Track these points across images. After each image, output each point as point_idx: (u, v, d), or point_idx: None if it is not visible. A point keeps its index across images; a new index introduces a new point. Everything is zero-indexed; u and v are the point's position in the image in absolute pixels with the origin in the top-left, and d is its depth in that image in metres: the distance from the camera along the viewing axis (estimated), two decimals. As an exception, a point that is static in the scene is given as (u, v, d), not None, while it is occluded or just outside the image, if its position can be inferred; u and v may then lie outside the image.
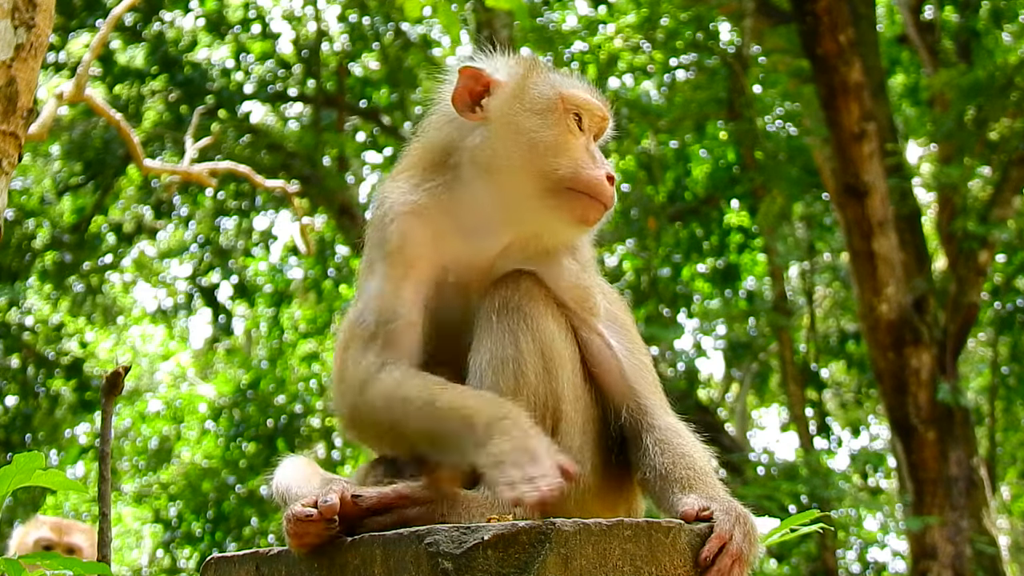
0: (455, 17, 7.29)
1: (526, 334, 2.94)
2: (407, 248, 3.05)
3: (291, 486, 3.03)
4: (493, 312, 2.96)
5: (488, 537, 2.55)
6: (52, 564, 2.92)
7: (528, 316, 2.96)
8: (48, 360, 17.04)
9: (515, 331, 2.94)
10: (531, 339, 2.94)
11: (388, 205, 3.12)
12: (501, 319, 2.95)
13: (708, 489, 2.87)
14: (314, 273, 18.72)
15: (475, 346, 2.99)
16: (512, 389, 2.91)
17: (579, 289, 3.10)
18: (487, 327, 2.96)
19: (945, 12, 15.59)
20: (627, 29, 16.67)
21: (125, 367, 3.27)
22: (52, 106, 5.81)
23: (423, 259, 3.06)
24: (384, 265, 3.05)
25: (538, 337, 2.95)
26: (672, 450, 2.97)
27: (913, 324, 12.32)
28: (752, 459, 17.04)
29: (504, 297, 2.98)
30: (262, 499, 17.45)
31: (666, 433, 3.01)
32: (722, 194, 17.72)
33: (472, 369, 2.98)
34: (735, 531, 2.73)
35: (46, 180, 17.15)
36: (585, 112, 3.08)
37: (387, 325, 2.99)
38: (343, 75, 17.75)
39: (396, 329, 2.98)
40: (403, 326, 2.99)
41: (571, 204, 3.00)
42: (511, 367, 2.92)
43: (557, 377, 2.97)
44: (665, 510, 2.91)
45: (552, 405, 2.96)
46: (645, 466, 2.98)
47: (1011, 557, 18.99)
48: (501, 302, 2.97)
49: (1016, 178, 13.15)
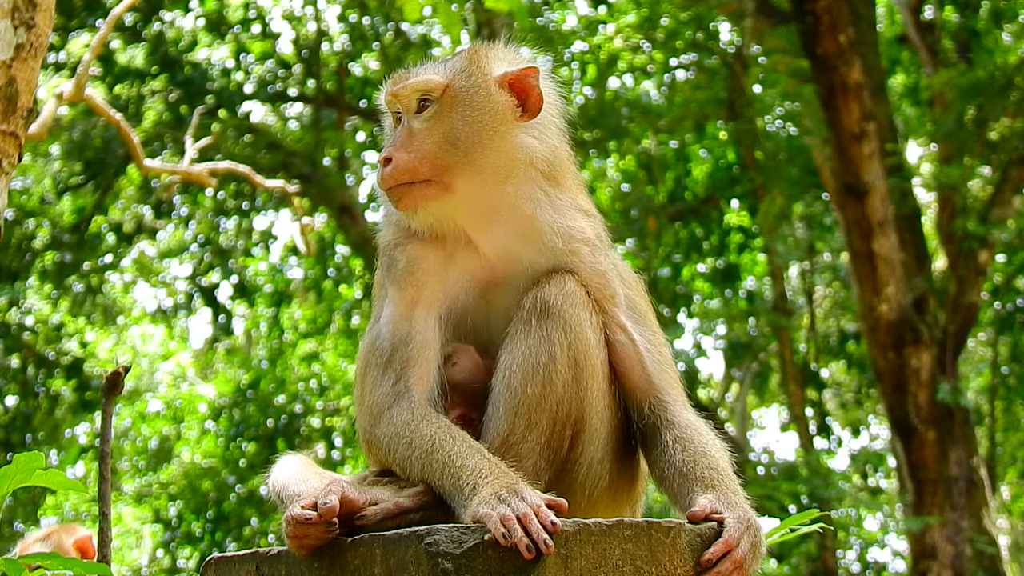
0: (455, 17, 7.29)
1: (563, 342, 2.93)
2: (416, 271, 3.08)
3: (288, 485, 3.03)
4: (533, 315, 2.95)
5: (488, 537, 2.55)
6: (52, 564, 2.92)
7: (568, 323, 2.94)
8: (48, 360, 17.04)
9: (551, 338, 2.93)
10: (566, 347, 2.93)
11: (391, 227, 3.18)
12: (541, 322, 2.94)
13: (727, 493, 2.87)
14: (314, 273, 18.72)
15: (508, 346, 2.98)
16: (538, 397, 2.92)
17: (597, 276, 3.08)
18: (524, 330, 2.95)
19: (945, 12, 15.58)
20: (627, 29, 16.67)
21: (125, 367, 3.27)
22: (52, 106, 5.81)
23: (432, 276, 3.08)
24: (394, 289, 3.09)
25: (574, 346, 2.94)
26: (693, 448, 2.98)
27: (913, 324, 12.31)
28: (752, 459, 17.04)
29: (546, 300, 2.96)
30: (262, 499, 17.44)
31: (686, 431, 3.02)
32: (722, 194, 17.71)
33: (501, 368, 2.97)
34: (743, 539, 2.73)
35: (46, 180, 17.14)
36: (391, 105, 3.16)
37: (402, 350, 3.01)
38: (343, 75, 17.75)
39: (411, 353, 3.00)
40: (417, 349, 3.01)
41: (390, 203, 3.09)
42: (541, 375, 2.91)
43: (586, 388, 2.96)
44: (681, 508, 2.91)
45: (575, 416, 2.95)
46: (664, 463, 2.98)
47: (1011, 557, 18.99)
48: (543, 306, 2.96)
49: (1016, 178, 13.14)
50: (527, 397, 2.91)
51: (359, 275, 18.47)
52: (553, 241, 3.07)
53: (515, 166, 3.08)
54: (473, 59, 3.13)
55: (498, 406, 2.96)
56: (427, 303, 3.06)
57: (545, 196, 3.12)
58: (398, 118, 3.15)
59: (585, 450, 2.98)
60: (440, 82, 3.08)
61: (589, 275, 3.06)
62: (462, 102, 3.06)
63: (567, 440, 2.95)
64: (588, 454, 2.98)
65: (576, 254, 3.07)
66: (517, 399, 2.92)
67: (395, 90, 3.12)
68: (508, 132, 3.08)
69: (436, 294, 3.07)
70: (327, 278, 18.59)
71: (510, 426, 2.93)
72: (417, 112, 3.09)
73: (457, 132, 3.04)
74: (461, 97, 3.07)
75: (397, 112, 3.15)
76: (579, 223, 3.13)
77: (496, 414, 2.96)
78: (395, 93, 3.12)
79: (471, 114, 3.05)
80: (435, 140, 3.04)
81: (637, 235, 16.69)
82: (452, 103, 3.06)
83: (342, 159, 17.86)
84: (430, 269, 3.08)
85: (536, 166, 3.11)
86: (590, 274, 3.06)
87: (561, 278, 3.00)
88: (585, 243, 3.10)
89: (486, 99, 3.07)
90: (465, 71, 3.10)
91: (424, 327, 3.04)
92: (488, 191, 3.06)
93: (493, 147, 3.05)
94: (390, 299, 3.09)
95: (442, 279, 3.08)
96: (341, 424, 19.11)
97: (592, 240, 3.12)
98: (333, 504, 2.69)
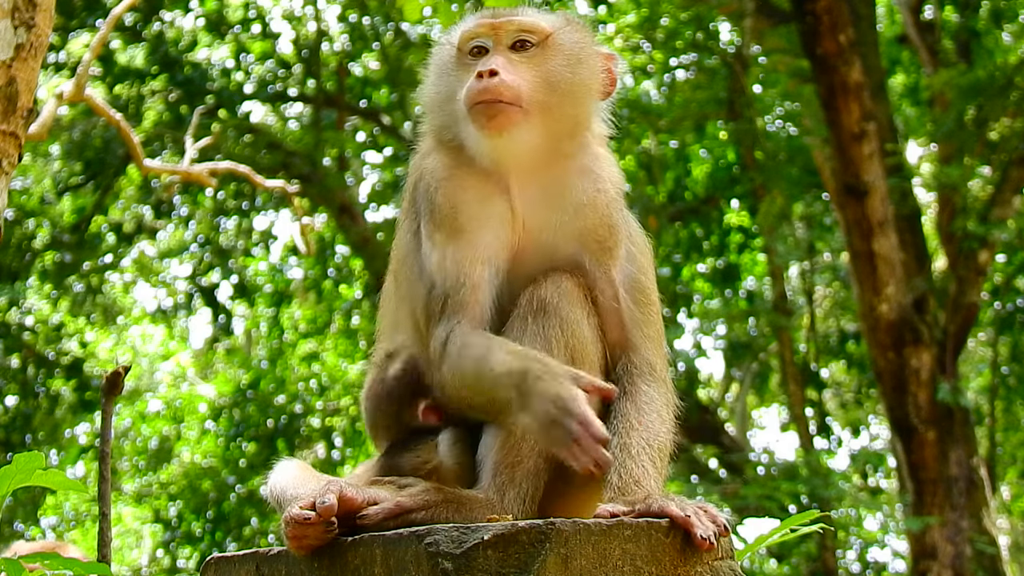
0: (455, 17, 7.30)
1: (560, 340, 2.95)
2: (459, 214, 3.10)
3: (287, 488, 3.03)
4: (530, 313, 2.98)
5: (488, 537, 2.55)
6: (52, 564, 2.92)
7: (564, 321, 2.97)
8: (48, 360, 17.03)
9: (548, 336, 2.95)
10: (563, 345, 2.95)
11: (428, 173, 3.19)
12: (537, 320, 2.97)
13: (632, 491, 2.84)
14: (314, 273, 18.71)
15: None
16: None
17: (604, 227, 3.13)
18: (521, 327, 2.98)
19: (945, 12, 15.57)
20: (627, 29, 16.66)
21: (125, 367, 3.28)
22: (52, 106, 5.81)
23: (473, 222, 3.10)
24: (440, 234, 3.10)
25: (571, 344, 2.96)
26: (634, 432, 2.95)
27: (913, 324, 12.31)
28: (752, 459, 17.04)
29: (542, 298, 2.99)
30: (262, 499, 17.36)
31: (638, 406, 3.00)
32: (722, 194, 17.71)
33: None
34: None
35: (46, 180, 17.13)
36: (480, 37, 3.16)
37: (455, 294, 3.03)
38: (343, 75, 17.74)
39: (464, 296, 3.03)
40: (471, 289, 3.04)
41: (476, 120, 3.06)
42: None
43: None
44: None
45: None
46: (612, 432, 2.95)
47: (1011, 557, 18.99)
48: (539, 303, 2.99)
49: (1016, 178, 13.14)
50: None
51: (359, 275, 18.47)
52: (579, 188, 3.13)
53: (583, 131, 3.20)
54: (577, 24, 3.24)
55: None
56: (473, 245, 3.07)
57: (586, 151, 3.21)
58: (476, 51, 3.16)
59: None
60: (547, 28, 3.16)
61: (596, 226, 3.11)
62: (568, 54, 3.16)
63: None
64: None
65: (593, 204, 3.13)
66: None
67: (498, 22, 3.14)
68: (594, 99, 3.22)
69: (479, 237, 3.08)
70: (327, 278, 18.58)
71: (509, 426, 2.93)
72: (512, 48, 3.13)
73: (560, 77, 3.12)
74: (567, 49, 3.16)
75: (478, 46, 3.15)
76: (605, 173, 3.21)
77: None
78: (496, 25, 3.14)
79: (577, 67, 3.15)
80: (538, 76, 3.10)
81: (637, 235, 16.65)
82: (556, 50, 3.15)
83: (342, 159, 17.86)
84: (471, 213, 3.10)
85: (594, 138, 3.26)
86: (597, 225, 3.11)
87: (558, 276, 3.04)
88: (605, 194, 3.16)
89: (593, 62, 3.20)
90: (571, 28, 3.20)
91: (474, 270, 3.05)
92: (556, 142, 3.14)
93: (582, 105, 3.17)
94: (436, 244, 3.10)
95: (482, 224, 3.10)
96: (341, 424, 19.11)
97: (611, 193, 3.18)
98: (331, 503, 2.69)
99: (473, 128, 3.07)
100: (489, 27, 3.14)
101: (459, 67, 3.17)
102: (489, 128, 3.05)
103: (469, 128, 3.08)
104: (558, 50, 3.14)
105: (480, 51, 3.15)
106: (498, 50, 3.11)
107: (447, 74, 3.21)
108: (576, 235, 3.11)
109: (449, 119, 3.17)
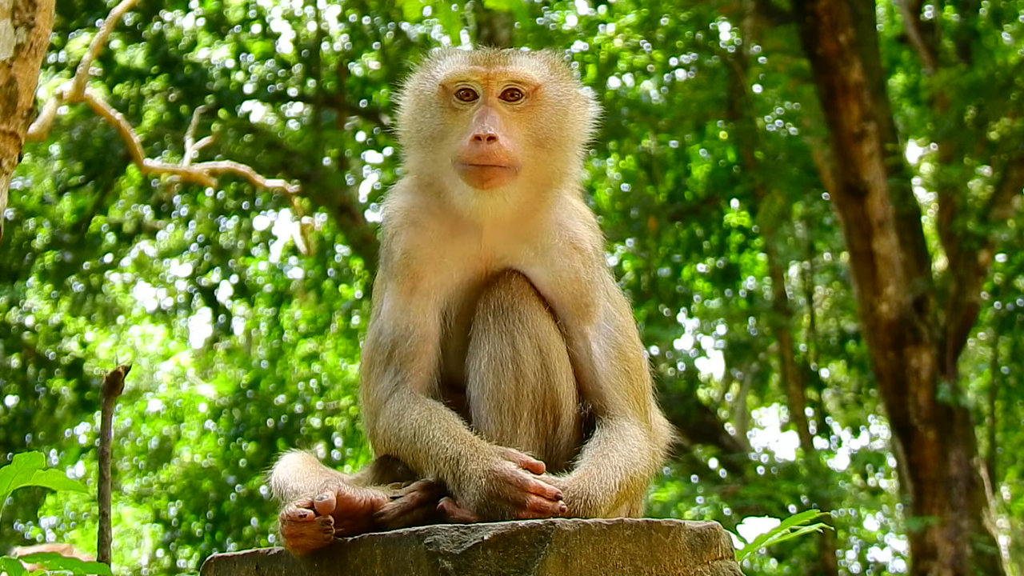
0: (455, 17, 7.29)
1: (522, 333, 2.99)
2: (412, 262, 3.12)
3: (288, 482, 3.04)
4: (489, 313, 3.02)
5: (488, 537, 2.55)
6: (52, 564, 2.92)
7: (523, 315, 3.01)
8: (48, 360, 17.03)
9: (511, 331, 2.99)
10: (527, 337, 2.99)
11: (389, 218, 3.22)
12: (497, 320, 3.00)
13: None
14: (314, 273, 18.71)
15: (472, 349, 3.03)
16: (514, 391, 2.95)
17: (578, 284, 3.13)
18: (484, 329, 3.01)
19: (945, 12, 15.58)
20: (627, 29, 16.66)
21: (125, 367, 3.28)
22: (52, 106, 5.81)
23: (429, 266, 3.11)
24: (393, 282, 3.14)
25: (534, 334, 3.00)
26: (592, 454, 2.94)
27: (913, 324, 12.31)
28: (752, 459, 17.04)
29: (498, 298, 3.04)
30: (262, 499, 17.44)
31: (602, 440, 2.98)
32: (722, 194, 17.71)
33: (472, 373, 3.01)
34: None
35: (46, 180, 17.13)
36: (470, 83, 3.12)
37: (402, 344, 3.07)
38: (343, 75, 17.74)
39: (411, 347, 3.06)
40: (417, 341, 3.07)
41: (469, 179, 3.05)
42: (511, 368, 2.96)
43: (556, 371, 3.00)
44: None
45: (551, 401, 2.99)
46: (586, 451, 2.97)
47: (1011, 557, 18.98)
48: (496, 303, 3.03)
49: (1016, 178, 13.14)
50: (503, 394, 2.94)
51: (359, 275, 18.46)
52: (553, 241, 3.14)
53: (565, 177, 3.20)
54: (562, 71, 3.22)
55: (479, 411, 2.99)
56: (424, 293, 3.11)
57: (562, 203, 3.22)
58: (463, 94, 3.13)
59: (563, 434, 3.01)
60: (536, 80, 3.13)
61: (570, 281, 3.11)
62: (556, 107, 3.15)
63: (551, 426, 2.98)
64: (566, 437, 3.01)
65: (568, 257, 3.13)
66: (495, 399, 2.95)
67: (492, 72, 3.11)
68: (578, 149, 3.22)
69: (433, 283, 3.11)
70: (327, 278, 18.58)
71: (498, 427, 2.95)
72: (503, 98, 3.11)
73: (549, 133, 3.12)
74: (554, 102, 3.15)
75: (470, 90, 3.12)
76: (581, 231, 3.20)
77: (480, 419, 2.98)
78: (490, 75, 3.11)
79: (564, 120, 3.16)
80: (527, 134, 3.09)
81: (637, 235, 16.69)
82: (545, 104, 3.14)
83: (342, 159, 17.85)
84: (426, 258, 3.12)
85: (573, 179, 3.26)
86: (572, 280, 3.12)
87: (508, 276, 3.08)
88: (581, 252, 3.15)
89: (578, 112, 3.19)
90: (557, 78, 3.19)
91: (423, 320, 3.09)
92: (537, 192, 3.15)
93: (569, 157, 3.18)
94: (389, 292, 3.14)
95: (438, 268, 3.12)
96: (341, 424, 19.11)
97: (588, 251, 3.17)
98: (329, 500, 2.68)
99: (463, 184, 3.07)
100: (486, 78, 3.10)
101: (445, 109, 3.14)
102: (481, 188, 3.05)
103: (457, 182, 3.08)
104: (546, 103, 3.14)
105: (468, 95, 3.12)
106: (489, 101, 3.09)
107: (431, 113, 3.17)
108: (549, 287, 3.12)
109: (432, 165, 3.16)
